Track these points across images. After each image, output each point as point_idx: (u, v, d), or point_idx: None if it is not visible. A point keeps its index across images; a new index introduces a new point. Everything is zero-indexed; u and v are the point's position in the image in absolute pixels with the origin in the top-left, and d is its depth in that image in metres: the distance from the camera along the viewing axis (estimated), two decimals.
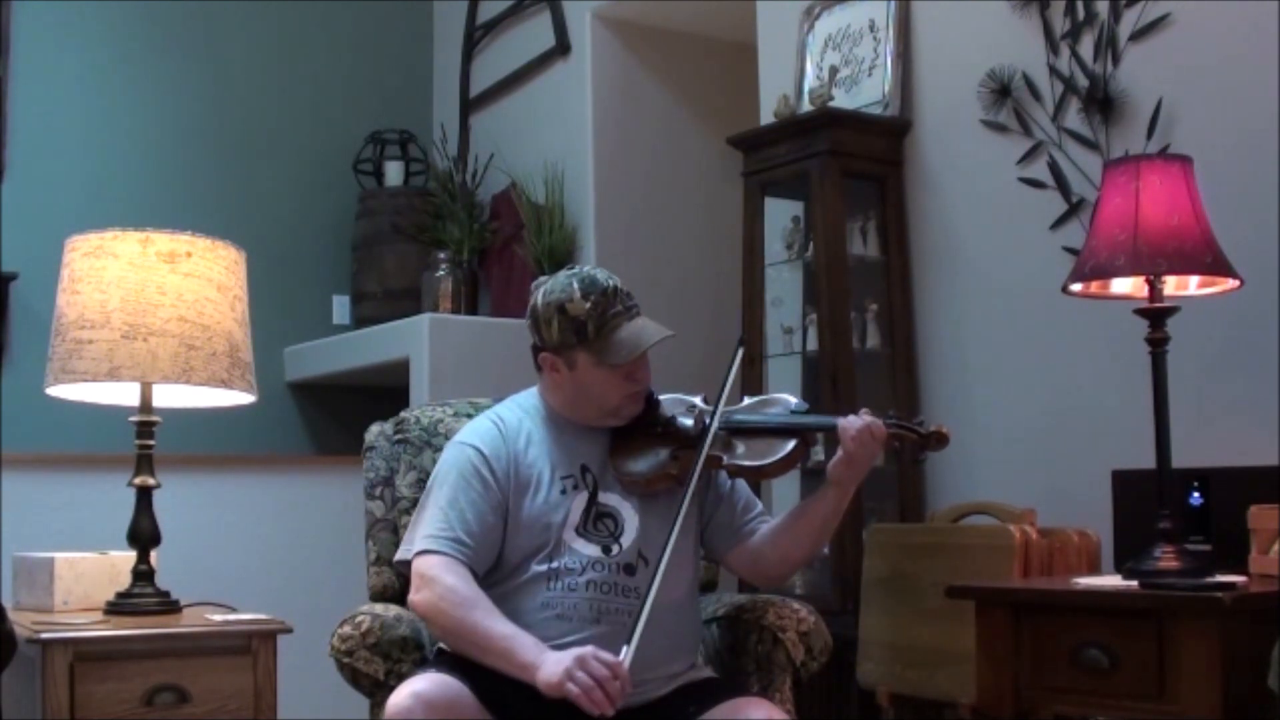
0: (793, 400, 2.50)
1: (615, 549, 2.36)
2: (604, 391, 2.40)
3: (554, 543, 2.36)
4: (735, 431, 2.43)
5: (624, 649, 2.17)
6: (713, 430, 2.39)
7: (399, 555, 2.48)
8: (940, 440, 2.37)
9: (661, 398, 2.50)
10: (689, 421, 2.44)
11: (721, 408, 2.43)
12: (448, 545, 2.32)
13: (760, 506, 2.55)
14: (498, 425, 2.46)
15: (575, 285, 2.38)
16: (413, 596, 2.33)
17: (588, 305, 2.36)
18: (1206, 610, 2.23)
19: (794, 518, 2.47)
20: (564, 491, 2.39)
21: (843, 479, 2.38)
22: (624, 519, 2.39)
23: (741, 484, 2.53)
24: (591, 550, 2.35)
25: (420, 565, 2.32)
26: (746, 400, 2.57)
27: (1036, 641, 2.48)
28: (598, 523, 2.38)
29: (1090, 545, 2.95)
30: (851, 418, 2.35)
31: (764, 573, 2.52)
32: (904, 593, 3.09)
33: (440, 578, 2.29)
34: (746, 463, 2.41)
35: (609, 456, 2.43)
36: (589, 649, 2.16)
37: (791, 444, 2.39)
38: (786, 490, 3.56)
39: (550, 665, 2.15)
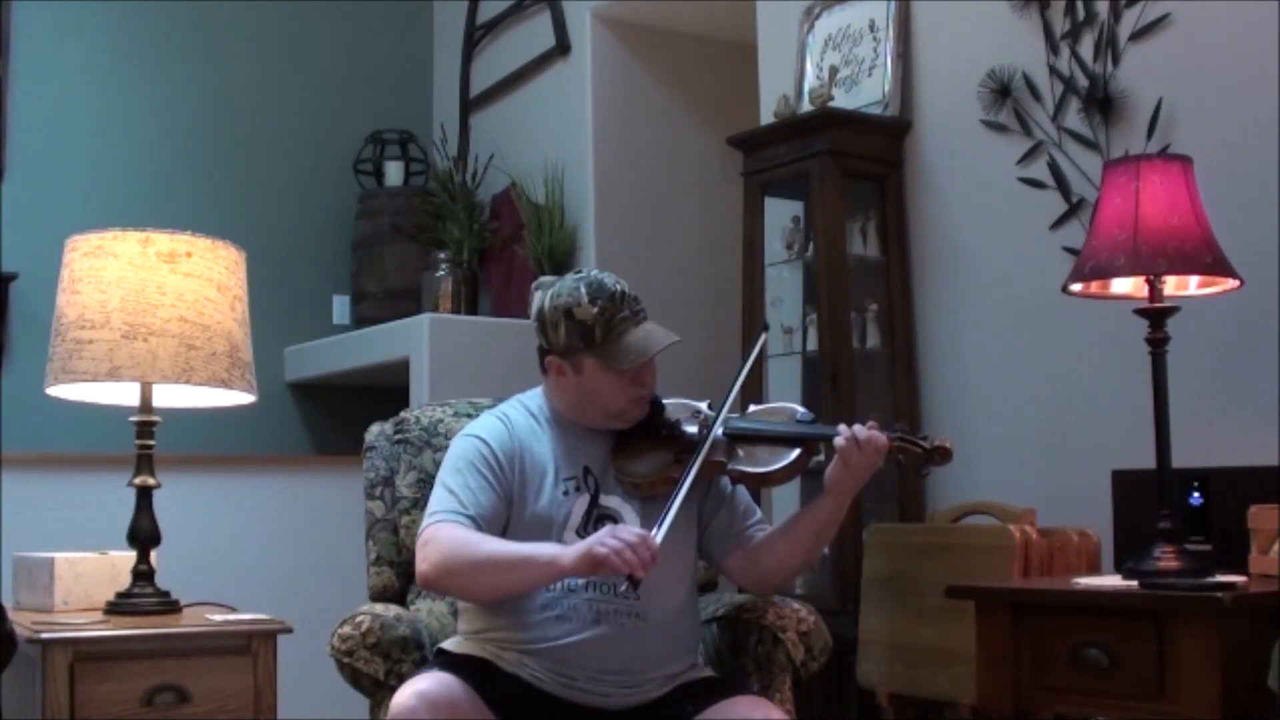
0: (799, 410, 2.49)
1: None
2: (609, 395, 2.40)
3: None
4: (739, 438, 2.42)
5: (655, 529, 2.19)
6: (715, 431, 2.39)
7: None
8: (944, 455, 2.35)
9: (666, 402, 2.50)
10: (693, 427, 2.44)
11: (727, 409, 2.42)
12: (453, 516, 2.31)
13: (759, 513, 2.54)
14: (504, 422, 2.46)
15: (583, 289, 2.37)
16: (419, 566, 2.30)
17: (595, 310, 2.35)
18: (1206, 610, 2.23)
19: (791, 525, 2.46)
20: (566, 493, 2.39)
21: (840, 487, 2.36)
22: (625, 521, 2.38)
23: (741, 490, 2.52)
24: None
25: (423, 536, 2.31)
26: (753, 408, 2.56)
27: (1036, 641, 2.48)
28: (598, 524, 2.36)
29: (1090, 545, 2.95)
30: (857, 427, 2.34)
31: (761, 579, 2.50)
32: (904, 593, 3.08)
33: (444, 533, 2.28)
34: (749, 469, 2.41)
35: (611, 458, 2.43)
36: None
37: (795, 453, 2.38)
38: (787, 495, 3.55)
39: (576, 545, 2.19)
